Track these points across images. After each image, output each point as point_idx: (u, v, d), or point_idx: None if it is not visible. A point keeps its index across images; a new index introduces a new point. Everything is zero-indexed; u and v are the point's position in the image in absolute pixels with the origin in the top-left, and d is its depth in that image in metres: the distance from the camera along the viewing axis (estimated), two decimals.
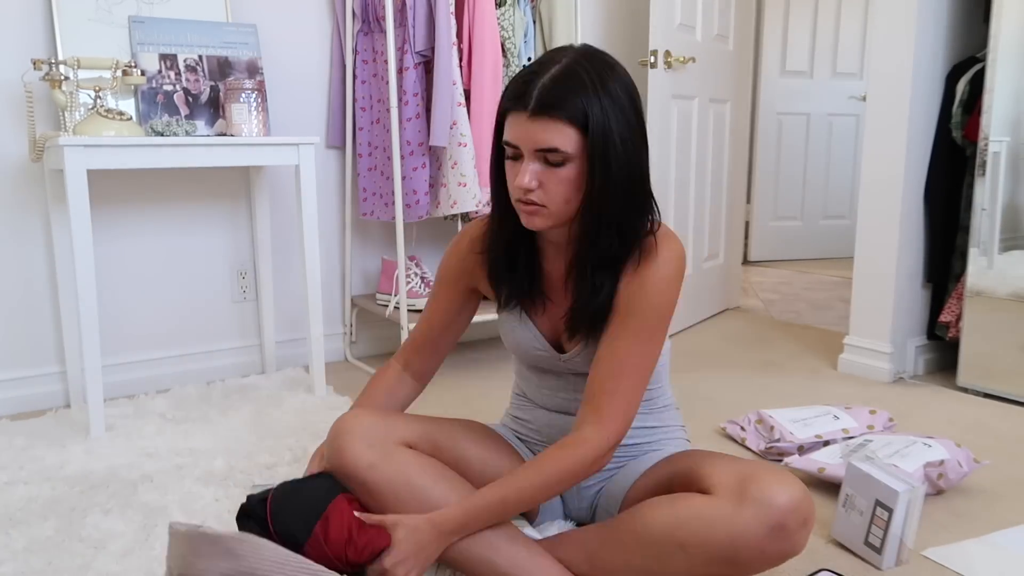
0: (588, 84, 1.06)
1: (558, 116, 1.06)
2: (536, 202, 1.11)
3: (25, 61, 2.12)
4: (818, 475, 1.65)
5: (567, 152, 1.07)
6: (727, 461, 1.16)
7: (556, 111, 1.05)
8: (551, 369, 1.32)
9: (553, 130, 1.06)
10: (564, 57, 1.09)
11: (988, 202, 2.28)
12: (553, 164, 1.09)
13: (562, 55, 1.10)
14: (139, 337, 2.38)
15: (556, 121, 1.06)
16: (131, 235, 2.33)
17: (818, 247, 4.99)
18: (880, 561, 1.35)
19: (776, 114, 4.76)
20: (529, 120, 1.07)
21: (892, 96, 2.40)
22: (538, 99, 1.06)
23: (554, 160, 1.08)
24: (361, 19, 2.50)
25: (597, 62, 1.09)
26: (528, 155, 1.09)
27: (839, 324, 3.26)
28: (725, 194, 3.38)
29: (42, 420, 2.11)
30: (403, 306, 2.36)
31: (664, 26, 2.79)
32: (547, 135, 1.06)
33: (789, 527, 1.05)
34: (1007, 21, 2.21)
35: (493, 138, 1.18)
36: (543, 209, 1.12)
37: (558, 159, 1.08)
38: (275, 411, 2.15)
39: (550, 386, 1.34)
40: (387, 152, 2.45)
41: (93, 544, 1.43)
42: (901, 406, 2.25)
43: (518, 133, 1.09)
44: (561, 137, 1.06)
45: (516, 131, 1.09)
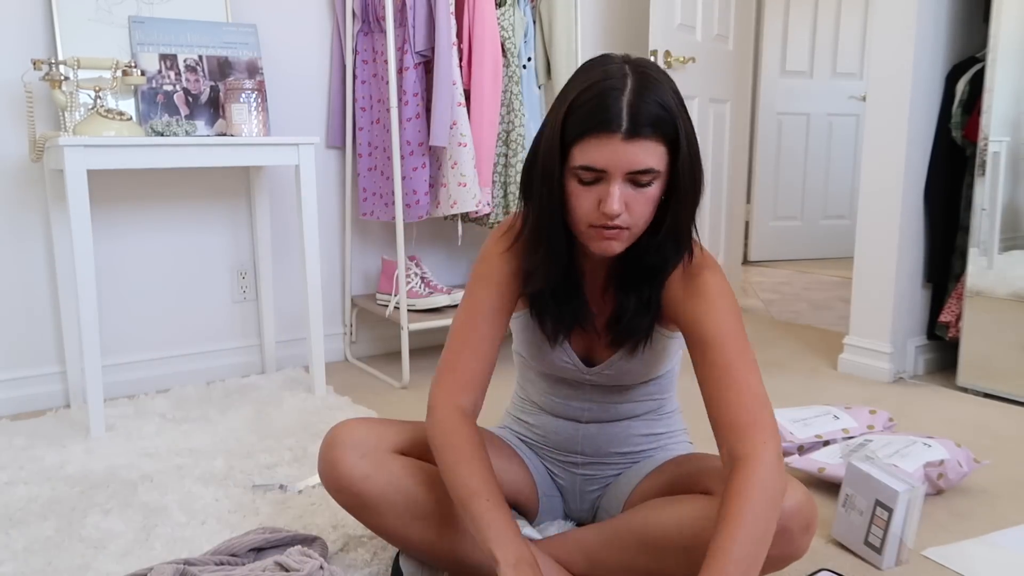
0: (669, 97, 1.01)
1: (653, 135, 1.00)
2: (621, 226, 1.04)
3: (25, 61, 2.12)
4: (818, 475, 1.65)
5: (659, 171, 1.02)
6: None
7: (652, 130, 0.99)
8: (571, 380, 1.30)
9: (649, 150, 1.00)
10: (626, 68, 1.02)
11: (988, 202, 2.28)
12: (642, 185, 1.02)
13: (620, 65, 1.02)
14: (139, 337, 2.38)
15: (650, 140, 1.00)
16: (131, 235, 2.33)
17: (818, 247, 4.99)
18: (880, 561, 1.35)
19: (776, 114, 4.76)
20: (623, 142, 0.99)
21: (892, 96, 2.40)
22: (631, 119, 0.98)
23: (643, 181, 1.02)
24: (361, 19, 2.50)
25: (661, 73, 1.04)
26: (617, 178, 1.01)
27: (839, 324, 3.26)
28: (725, 194, 3.38)
29: (42, 420, 2.11)
30: (403, 306, 2.36)
31: (664, 26, 2.79)
32: (643, 156, 1.00)
33: (792, 531, 1.05)
34: (1007, 21, 2.21)
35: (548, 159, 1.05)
36: (624, 232, 1.05)
37: (648, 179, 1.02)
38: (275, 411, 2.15)
39: (563, 395, 1.32)
40: (387, 152, 2.45)
41: (93, 544, 1.43)
42: (901, 406, 2.25)
43: (608, 157, 1.00)
44: (655, 157, 1.01)
45: (605, 154, 1.00)
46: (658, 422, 1.35)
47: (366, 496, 1.18)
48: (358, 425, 1.23)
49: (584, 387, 1.30)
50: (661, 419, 1.36)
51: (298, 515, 1.53)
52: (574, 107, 1.02)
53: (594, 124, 1.00)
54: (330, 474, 1.20)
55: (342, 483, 1.18)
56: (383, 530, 1.20)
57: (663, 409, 1.36)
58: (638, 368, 1.23)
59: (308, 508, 1.56)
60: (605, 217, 1.03)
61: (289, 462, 1.80)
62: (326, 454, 1.21)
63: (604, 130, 0.99)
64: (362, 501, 1.18)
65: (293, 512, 1.55)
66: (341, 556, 1.38)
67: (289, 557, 1.24)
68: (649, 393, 1.31)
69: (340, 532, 1.46)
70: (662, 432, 1.35)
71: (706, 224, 3.26)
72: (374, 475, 1.18)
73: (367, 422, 1.24)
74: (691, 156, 1.03)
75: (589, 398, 1.30)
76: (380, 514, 1.18)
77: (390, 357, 2.76)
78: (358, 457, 1.18)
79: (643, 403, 1.32)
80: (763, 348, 2.89)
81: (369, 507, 1.18)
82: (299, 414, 2.13)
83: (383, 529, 1.20)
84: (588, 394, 1.30)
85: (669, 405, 1.37)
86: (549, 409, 1.35)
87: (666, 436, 1.36)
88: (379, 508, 1.18)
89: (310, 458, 1.83)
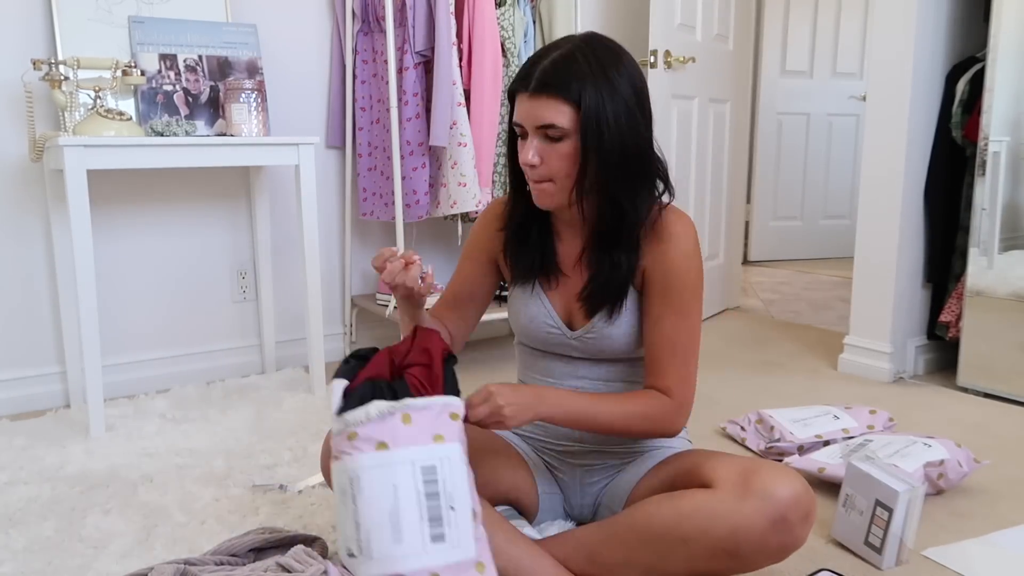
0: (584, 66, 1.14)
1: (554, 94, 1.13)
2: (542, 177, 1.18)
3: (25, 61, 2.12)
4: (818, 475, 1.65)
5: (564, 127, 1.14)
6: (729, 457, 1.17)
7: (552, 89, 1.13)
8: (560, 352, 1.32)
9: (550, 107, 1.14)
10: (568, 43, 1.16)
11: (988, 202, 2.28)
12: (553, 139, 1.16)
13: (567, 42, 1.17)
14: (139, 337, 2.38)
15: (552, 99, 1.14)
16: (131, 235, 2.33)
17: (818, 247, 4.99)
18: (880, 561, 1.35)
19: (776, 114, 4.76)
20: (530, 99, 1.15)
21: (892, 96, 2.40)
22: (538, 79, 1.14)
23: (553, 135, 1.15)
24: (361, 19, 2.50)
25: (600, 48, 1.16)
26: (531, 132, 1.17)
27: (839, 324, 3.26)
28: (725, 194, 3.38)
29: (42, 420, 2.11)
30: None
31: (664, 26, 2.79)
32: (545, 112, 1.14)
33: (791, 520, 1.06)
34: (1007, 21, 2.21)
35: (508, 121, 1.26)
36: (550, 185, 1.19)
37: (556, 134, 1.15)
38: (275, 411, 2.15)
39: (559, 373, 1.34)
40: (387, 152, 2.45)
41: (93, 544, 1.43)
42: (901, 406, 2.25)
43: (522, 112, 1.17)
44: (557, 114, 1.14)
45: (520, 110, 1.18)
46: None
47: None
48: None
49: (576, 362, 1.32)
50: None
51: (298, 515, 1.53)
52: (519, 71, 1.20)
53: (516, 83, 1.18)
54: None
55: None
56: None
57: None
58: (620, 335, 1.27)
59: (308, 508, 1.56)
60: (525, 167, 1.19)
61: (289, 462, 1.80)
62: (327, 452, 1.21)
63: (520, 88, 1.17)
64: None
65: (293, 512, 1.55)
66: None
67: (292, 557, 1.23)
68: (640, 374, 1.33)
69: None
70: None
71: (706, 224, 3.26)
72: None
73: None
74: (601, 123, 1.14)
75: (582, 375, 1.32)
76: None
77: None
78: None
79: (635, 384, 1.33)
80: (763, 348, 2.89)
81: None
82: (299, 414, 2.13)
83: None
84: (580, 369, 1.32)
85: None
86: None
87: None
88: None
89: (310, 458, 1.83)
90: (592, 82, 1.13)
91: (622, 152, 1.16)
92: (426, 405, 1.07)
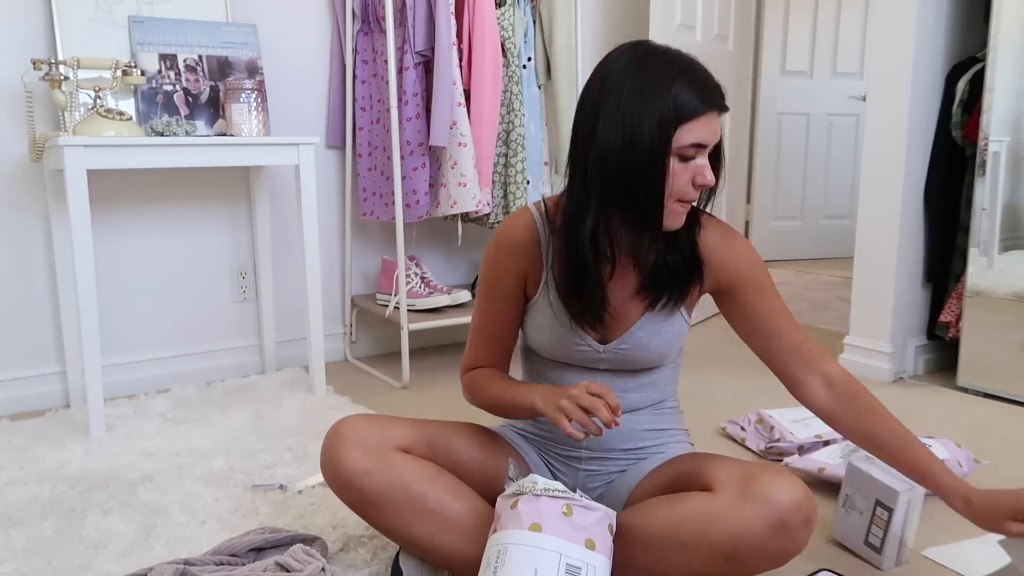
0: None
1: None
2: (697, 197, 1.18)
3: (25, 61, 2.12)
4: (818, 475, 1.65)
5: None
6: (729, 461, 1.16)
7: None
8: (582, 364, 1.30)
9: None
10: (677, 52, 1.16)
11: (988, 202, 2.28)
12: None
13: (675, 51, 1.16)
14: (139, 337, 2.38)
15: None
16: (131, 235, 2.33)
17: (818, 247, 4.99)
18: (880, 561, 1.35)
19: (776, 114, 4.76)
20: (720, 115, 1.14)
21: (892, 96, 2.40)
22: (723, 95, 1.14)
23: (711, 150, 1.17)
24: (361, 19, 2.50)
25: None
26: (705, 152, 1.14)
27: (839, 324, 3.26)
28: (725, 194, 3.38)
29: (42, 420, 2.11)
30: (403, 306, 2.36)
31: (664, 26, 2.79)
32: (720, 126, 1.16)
33: (791, 525, 1.05)
34: (1007, 21, 2.21)
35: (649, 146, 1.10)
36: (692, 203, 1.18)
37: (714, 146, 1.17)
38: (275, 411, 2.15)
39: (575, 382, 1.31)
40: (387, 152, 2.45)
41: (93, 544, 1.43)
42: (901, 406, 2.25)
43: (711, 131, 1.13)
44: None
45: (710, 130, 1.12)
46: (661, 417, 1.36)
47: (368, 493, 1.18)
48: (361, 421, 1.23)
49: (595, 372, 1.31)
50: (664, 414, 1.36)
51: (298, 515, 1.53)
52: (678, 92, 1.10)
53: (706, 104, 1.11)
54: (332, 470, 1.20)
55: (344, 479, 1.19)
56: (384, 527, 1.20)
57: (666, 403, 1.37)
58: (654, 343, 1.26)
59: (308, 508, 1.56)
60: (697, 189, 1.15)
61: (289, 462, 1.80)
62: (328, 450, 1.21)
63: (712, 108, 1.12)
64: (364, 498, 1.18)
65: (293, 512, 1.55)
66: (341, 556, 1.38)
67: (291, 556, 1.24)
68: (654, 383, 1.33)
69: (340, 532, 1.46)
70: (664, 428, 1.36)
71: None
72: (376, 472, 1.18)
73: (370, 418, 1.24)
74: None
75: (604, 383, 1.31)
76: (382, 511, 1.18)
77: (390, 357, 2.76)
78: (360, 453, 1.19)
79: (648, 393, 1.33)
80: None
81: (371, 504, 1.18)
82: (299, 414, 2.13)
83: (384, 526, 1.20)
84: (599, 379, 1.31)
85: (671, 400, 1.38)
86: None
87: (668, 434, 1.36)
88: (381, 505, 1.18)
89: (310, 458, 1.83)
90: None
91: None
92: (590, 506, 1.09)
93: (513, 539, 1.05)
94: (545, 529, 1.05)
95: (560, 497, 1.08)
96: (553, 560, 1.03)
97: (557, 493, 1.08)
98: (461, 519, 1.19)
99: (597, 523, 1.09)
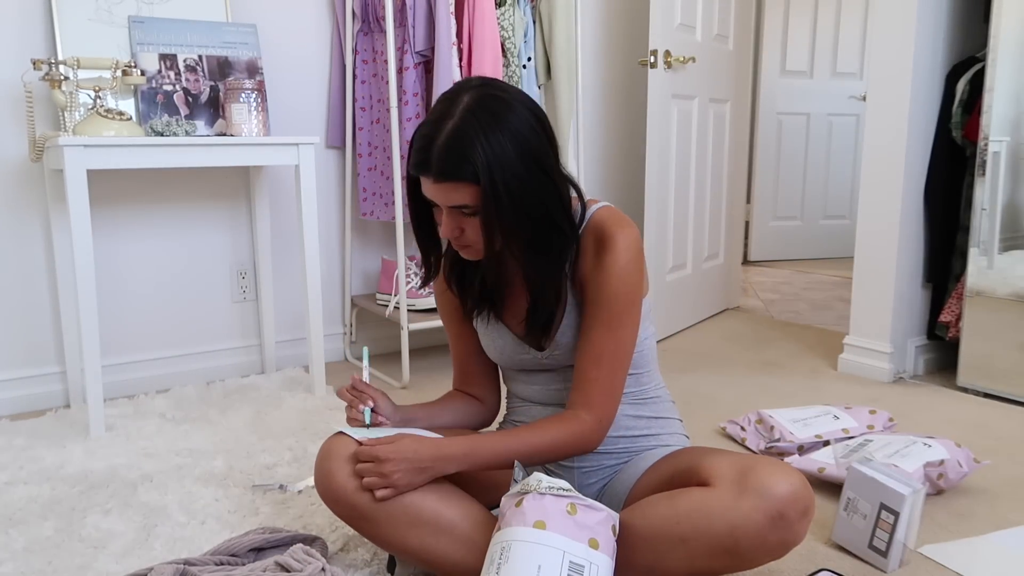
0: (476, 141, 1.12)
1: (457, 179, 1.13)
2: (465, 243, 1.21)
3: (25, 61, 2.12)
4: (818, 475, 1.65)
5: (474, 205, 1.15)
6: (726, 455, 1.17)
7: (452, 176, 1.12)
8: (537, 368, 1.35)
9: (457, 191, 1.14)
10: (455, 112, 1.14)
11: (988, 202, 2.28)
12: (467, 215, 1.17)
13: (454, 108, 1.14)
14: (139, 337, 2.38)
15: (457, 183, 1.13)
16: (131, 235, 2.33)
17: (818, 247, 4.99)
18: (885, 564, 1.35)
19: (776, 114, 4.76)
20: (434, 184, 1.15)
21: (892, 96, 2.40)
22: (437, 167, 1.13)
23: (466, 212, 1.16)
24: (361, 19, 2.50)
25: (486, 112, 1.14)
26: (446, 210, 1.17)
27: (839, 324, 3.26)
28: (725, 194, 3.38)
29: (42, 420, 2.11)
30: (403, 306, 2.37)
31: (664, 26, 2.79)
32: (454, 195, 1.14)
33: (789, 516, 1.05)
34: (1007, 21, 2.21)
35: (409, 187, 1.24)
36: (470, 247, 1.21)
37: (468, 211, 1.16)
38: (275, 411, 2.15)
39: (539, 381, 1.36)
40: (387, 152, 2.45)
41: (93, 544, 1.43)
42: (901, 406, 2.25)
43: (431, 193, 1.17)
44: (464, 195, 1.14)
45: (429, 191, 1.17)
46: (644, 404, 1.36)
47: (361, 508, 1.18)
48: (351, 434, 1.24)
49: (555, 371, 1.34)
50: (646, 402, 1.37)
51: (298, 515, 1.53)
52: (412, 143, 1.18)
53: (415, 169, 1.17)
54: (325, 486, 1.21)
55: (337, 495, 1.20)
56: (380, 539, 1.21)
57: (646, 391, 1.37)
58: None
59: (308, 508, 1.56)
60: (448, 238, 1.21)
61: (289, 462, 1.80)
62: (321, 466, 1.22)
63: (422, 172, 1.15)
64: (358, 512, 1.19)
65: (293, 512, 1.55)
66: (341, 556, 1.38)
67: (291, 556, 1.24)
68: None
69: (340, 532, 1.46)
70: (651, 416, 1.36)
71: (706, 224, 3.26)
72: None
73: (361, 431, 1.25)
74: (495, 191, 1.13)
75: (564, 378, 1.33)
76: (376, 524, 1.19)
77: (390, 357, 2.76)
78: (352, 468, 1.19)
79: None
80: (763, 348, 2.89)
81: (365, 518, 1.19)
82: (299, 414, 2.13)
83: (380, 538, 1.21)
84: (562, 375, 1.33)
85: (651, 389, 1.38)
86: (537, 399, 1.38)
87: (658, 422, 1.36)
88: (375, 519, 1.19)
89: (310, 458, 1.83)
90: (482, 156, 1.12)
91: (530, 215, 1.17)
92: (594, 506, 1.10)
93: (517, 536, 1.05)
94: (549, 527, 1.05)
95: (565, 496, 1.08)
96: (556, 557, 1.03)
97: (561, 492, 1.09)
98: (456, 527, 1.19)
99: (601, 523, 1.09)
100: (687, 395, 2.35)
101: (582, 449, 1.24)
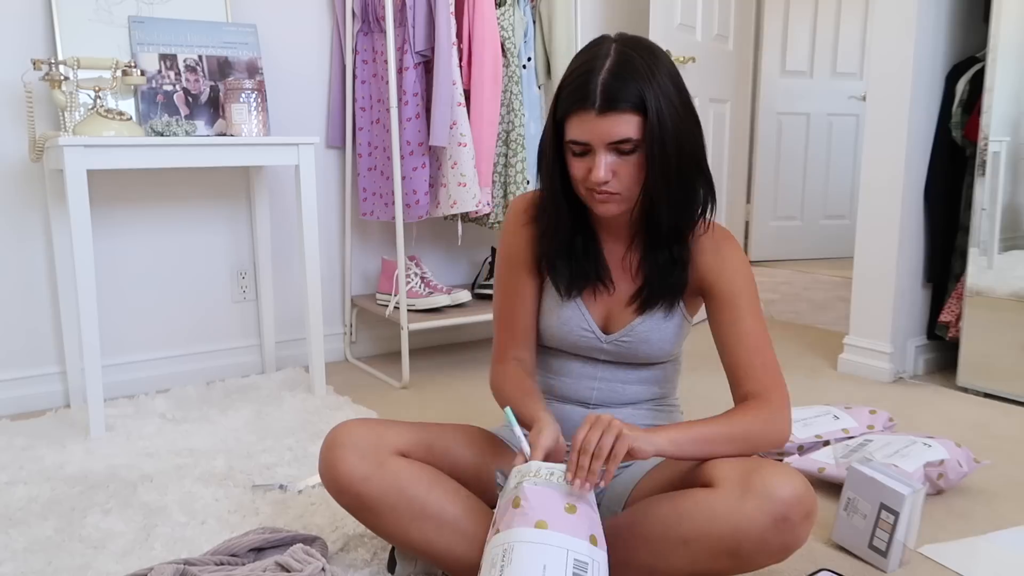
0: (642, 71, 1.12)
1: (624, 108, 1.11)
2: (613, 191, 1.17)
3: (25, 61, 2.12)
4: (818, 475, 1.65)
5: (636, 139, 1.13)
6: (729, 457, 1.16)
7: (622, 103, 1.11)
8: (585, 354, 1.32)
9: (622, 122, 1.11)
10: (611, 48, 1.14)
11: (988, 202, 2.28)
12: (624, 153, 1.14)
13: (607, 46, 1.14)
14: (139, 337, 2.38)
15: (623, 113, 1.11)
16: (131, 235, 2.33)
17: (818, 247, 4.99)
18: (885, 564, 1.35)
19: (776, 114, 4.76)
20: (598, 117, 1.12)
21: (892, 96, 2.40)
22: (603, 96, 1.11)
23: (625, 149, 1.14)
24: (361, 19, 2.50)
25: (642, 49, 1.14)
26: (601, 149, 1.14)
27: (839, 324, 3.26)
28: (725, 194, 3.38)
29: (42, 420, 2.11)
30: (403, 306, 2.36)
31: (664, 26, 2.79)
32: (618, 127, 1.12)
33: (792, 519, 1.05)
34: (1007, 21, 2.21)
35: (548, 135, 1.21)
36: (616, 196, 1.17)
37: (628, 147, 1.13)
38: (275, 411, 2.15)
39: (575, 374, 1.34)
40: (387, 152, 2.45)
41: (93, 544, 1.43)
42: (901, 406, 2.25)
43: (587, 130, 1.13)
44: (629, 127, 1.12)
45: (585, 129, 1.13)
46: (661, 413, 1.36)
47: (366, 497, 1.18)
48: (358, 426, 1.23)
49: (597, 363, 1.32)
50: (663, 411, 1.37)
51: (298, 515, 1.53)
52: (562, 88, 1.16)
53: (574, 103, 1.13)
54: (330, 475, 1.20)
55: (342, 484, 1.19)
56: (383, 531, 1.21)
57: (667, 400, 1.37)
58: (659, 339, 1.28)
59: (308, 508, 1.56)
60: (595, 183, 1.15)
61: (289, 462, 1.80)
62: (326, 455, 1.21)
63: (581, 107, 1.12)
64: (362, 502, 1.19)
65: (293, 512, 1.55)
66: (341, 556, 1.38)
67: (291, 556, 1.24)
68: (655, 378, 1.34)
69: (340, 532, 1.46)
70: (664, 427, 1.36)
71: None
72: (374, 476, 1.18)
73: (367, 423, 1.25)
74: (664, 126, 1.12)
75: (599, 376, 1.32)
76: (380, 515, 1.19)
77: (390, 357, 2.76)
78: (358, 458, 1.19)
79: (649, 387, 1.33)
80: None
81: (369, 508, 1.19)
82: (299, 414, 2.13)
83: (383, 530, 1.20)
84: (599, 371, 1.32)
85: (672, 398, 1.39)
86: (558, 393, 1.36)
87: None
88: (379, 509, 1.18)
89: (310, 458, 1.83)
90: (649, 86, 1.11)
91: (685, 154, 1.16)
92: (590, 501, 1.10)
93: (519, 537, 1.05)
94: (551, 526, 1.05)
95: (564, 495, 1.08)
96: (561, 556, 1.03)
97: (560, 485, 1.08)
98: (459, 522, 1.19)
99: (596, 520, 1.09)
100: (687, 395, 2.35)
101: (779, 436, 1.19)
